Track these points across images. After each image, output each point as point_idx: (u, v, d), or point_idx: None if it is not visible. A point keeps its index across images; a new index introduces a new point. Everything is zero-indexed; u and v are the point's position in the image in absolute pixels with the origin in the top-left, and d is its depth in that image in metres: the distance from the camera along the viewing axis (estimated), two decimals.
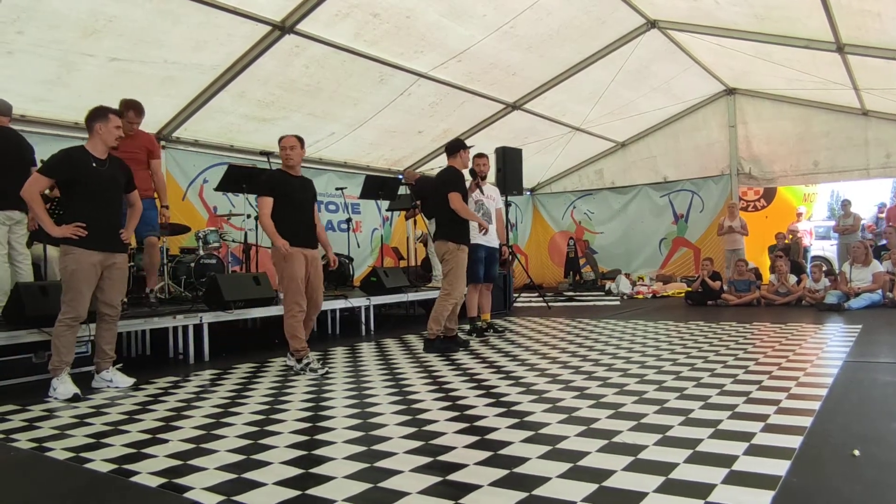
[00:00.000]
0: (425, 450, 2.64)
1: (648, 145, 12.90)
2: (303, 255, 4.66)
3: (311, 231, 4.82)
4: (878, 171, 10.60)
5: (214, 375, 4.65)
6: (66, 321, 3.96)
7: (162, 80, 6.54)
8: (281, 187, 4.65)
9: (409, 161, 10.75)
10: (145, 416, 3.41)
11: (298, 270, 4.60)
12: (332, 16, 6.34)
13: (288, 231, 4.59)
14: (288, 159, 4.73)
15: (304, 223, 4.74)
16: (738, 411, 3.07)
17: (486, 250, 6.31)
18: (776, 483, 2.13)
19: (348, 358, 5.23)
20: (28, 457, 2.80)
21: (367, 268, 9.76)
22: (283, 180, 4.70)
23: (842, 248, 10.94)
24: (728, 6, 7.25)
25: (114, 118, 4.16)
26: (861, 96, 9.63)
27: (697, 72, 10.27)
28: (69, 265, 3.94)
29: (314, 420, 3.22)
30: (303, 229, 4.72)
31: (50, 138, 6.59)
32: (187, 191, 8.05)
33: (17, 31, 5.24)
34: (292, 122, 8.13)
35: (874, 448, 2.50)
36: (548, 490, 2.15)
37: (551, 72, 9.08)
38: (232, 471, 2.47)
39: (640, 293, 11.15)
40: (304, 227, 4.74)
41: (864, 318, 6.76)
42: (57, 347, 3.96)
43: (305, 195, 4.82)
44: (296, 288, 4.60)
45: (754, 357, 4.58)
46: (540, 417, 3.10)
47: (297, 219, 4.69)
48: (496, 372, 4.37)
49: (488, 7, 6.87)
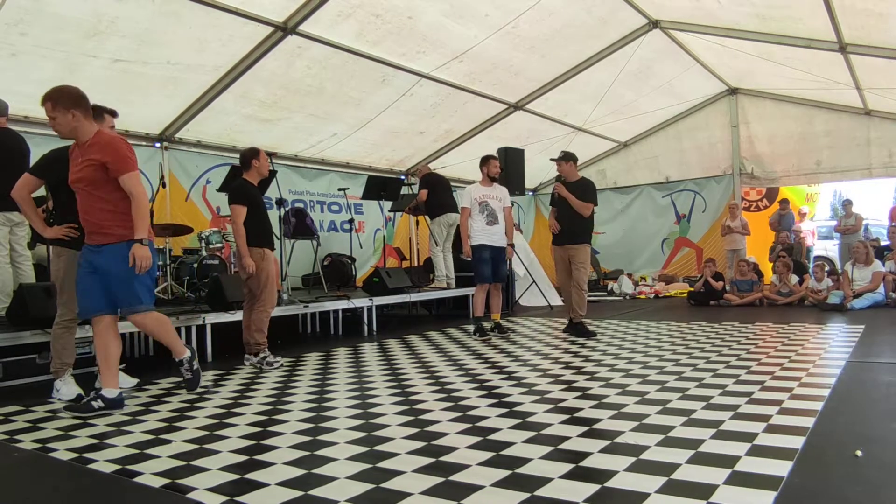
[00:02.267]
0: (427, 450, 2.65)
1: (651, 145, 12.89)
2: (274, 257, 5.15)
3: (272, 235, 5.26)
4: (880, 171, 10.57)
5: (217, 376, 4.66)
6: (63, 323, 3.94)
7: (165, 80, 6.55)
8: (255, 198, 5.02)
9: (411, 161, 10.76)
10: (148, 417, 3.42)
11: (273, 270, 5.08)
12: (334, 16, 6.34)
13: (264, 235, 5.01)
14: (265, 168, 5.14)
15: (270, 227, 5.18)
16: (741, 412, 3.07)
17: (492, 250, 6.33)
18: (778, 484, 2.13)
19: (351, 358, 5.24)
20: (32, 457, 2.81)
21: (369, 268, 9.77)
22: (254, 190, 5.07)
23: (843, 248, 10.92)
24: (730, 6, 7.24)
25: (108, 118, 4.13)
26: (864, 96, 9.61)
27: (699, 72, 10.26)
28: (62, 267, 3.92)
29: (317, 420, 3.22)
30: (271, 233, 5.17)
31: (53, 140, 6.58)
32: (190, 191, 8.07)
33: (20, 32, 5.26)
34: (294, 122, 8.15)
35: (877, 448, 2.50)
36: (549, 490, 2.15)
37: (553, 72, 9.08)
38: (235, 471, 2.47)
39: (643, 293, 11.14)
40: (271, 230, 5.19)
41: (867, 319, 6.75)
42: (57, 350, 3.95)
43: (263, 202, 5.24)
44: (273, 287, 5.06)
45: (756, 357, 4.57)
46: (542, 418, 3.10)
47: (267, 224, 5.11)
48: (498, 372, 4.37)
49: (490, 7, 6.87)
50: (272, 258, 5.07)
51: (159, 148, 7.68)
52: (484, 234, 6.30)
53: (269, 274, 4.97)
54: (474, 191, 6.39)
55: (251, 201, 4.92)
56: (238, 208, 4.86)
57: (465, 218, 6.36)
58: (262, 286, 4.96)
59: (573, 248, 6.29)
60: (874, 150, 10.49)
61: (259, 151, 5.08)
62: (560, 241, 6.34)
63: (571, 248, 6.29)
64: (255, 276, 4.90)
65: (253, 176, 5.05)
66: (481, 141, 10.07)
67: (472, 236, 6.30)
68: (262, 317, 4.99)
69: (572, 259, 6.30)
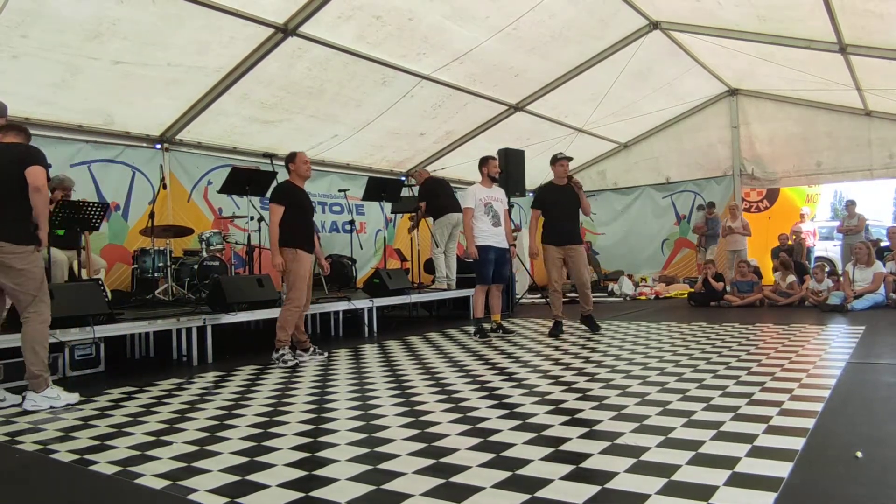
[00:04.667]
0: (428, 452, 2.65)
1: (651, 146, 12.89)
2: (309, 258, 5.23)
3: (313, 238, 5.40)
4: (881, 172, 10.57)
5: (218, 377, 4.66)
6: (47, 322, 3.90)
7: (166, 82, 6.56)
8: (295, 198, 5.19)
9: (411, 163, 10.76)
10: (149, 419, 3.43)
11: (305, 271, 5.17)
12: (334, 18, 6.35)
13: (300, 237, 5.13)
14: (308, 171, 5.34)
15: (311, 230, 5.34)
16: (741, 413, 3.07)
17: (496, 251, 6.35)
18: (779, 485, 2.13)
19: (351, 360, 5.25)
20: (33, 459, 2.82)
21: (370, 269, 9.77)
22: (296, 191, 5.24)
23: (845, 248, 10.92)
24: (730, 7, 7.25)
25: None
26: (864, 97, 9.61)
27: (700, 73, 10.27)
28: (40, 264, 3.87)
29: (317, 422, 3.23)
30: (310, 236, 5.30)
31: (55, 141, 6.62)
32: (192, 193, 8.07)
33: (21, 34, 5.26)
34: (295, 124, 8.15)
35: (877, 449, 2.50)
36: (550, 492, 2.16)
37: (554, 73, 9.08)
38: (236, 473, 2.48)
39: (643, 294, 11.14)
40: (311, 233, 5.34)
41: (868, 319, 6.74)
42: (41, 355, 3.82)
43: (311, 205, 5.41)
44: (301, 286, 5.13)
45: (757, 358, 4.57)
46: (542, 419, 3.11)
47: (307, 226, 5.27)
48: (499, 373, 4.38)
49: (491, 9, 6.89)
50: (306, 259, 5.17)
51: (160, 149, 7.69)
52: (490, 236, 6.31)
53: (297, 274, 5.09)
54: (478, 192, 6.40)
55: (290, 201, 5.13)
56: (274, 207, 5.10)
57: (469, 218, 6.35)
58: (290, 286, 5.12)
59: (575, 248, 6.35)
60: (875, 151, 10.49)
61: (295, 155, 5.33)
62: (561, 242, 6.37)
63: (572, 248, 6.34)
64: (285, 274, 5.12)
65: (295, 178, 5.29)
66: (482, 142, 10.07)
67: (478, 237, 6.30)
68: (285, 315, 5.13)
69: (575, 259, 6.34)
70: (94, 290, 4.95)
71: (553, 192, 6.52)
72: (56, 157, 6.33)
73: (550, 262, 6.42)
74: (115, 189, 7.30)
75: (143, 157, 7.56)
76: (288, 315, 5.12)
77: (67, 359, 4.90)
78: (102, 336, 4.85)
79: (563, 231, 6.38)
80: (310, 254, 5.23)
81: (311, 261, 5.28)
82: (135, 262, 6.93)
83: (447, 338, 6.47)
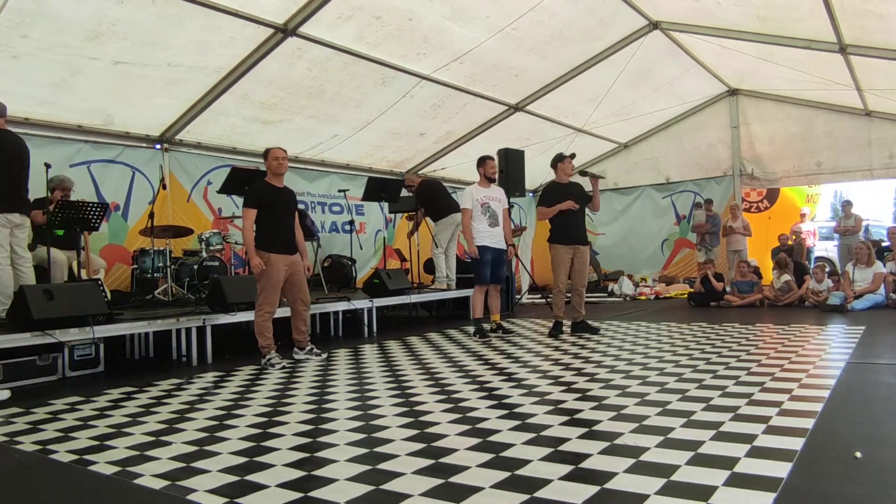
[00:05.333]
0: (427, 452, 2.65)
1: (651, 146, 12.89)
2: (283, 261, 5.05)
3: (292, 238, 5.22)
4: (881, 172, 10.57)
5: (217, 378, 4.66)
6: None
7: (166, 82, 6.56)
8: (266, 199, 5.04)
9: (411, 163, 10.76)
10: (148, 419, 3.43)
11: (276, 276, 4.99)
12: (334, 18, 6.35)
13: (270, 239, 5.00)
14: (280, 168, 5.14)
15: (286, 231, 5.15)
16: (740, 413, 3.07)
17: (493, 252, 6.34)
18: (778, 485, 2.13)
19: (351, 360, 5.25)
20: (32, 459, 2.82)
21: (370, 269, 9.77)
22: (268, 192, 5.09)
23: (842, 249, 10.92)
24: (730, 7, 7.25)
25: None
26: (864, 97, 9.61)
27: (699, 73, 10.26)
28: None
29: (317, 422, 3.23)
30: (284, 237, 5.12)
31: (55, 141, 6.63)
32: (192, 193, 8.07)
33: (21, 34, 5.26)
34: (295, 124, 8.15)
35: (877, 449, 2.50)
36: (549, 492, 2.16)
37: (554, 73, 9.08)
38: (235, 473, 2.48)
39: (643, 294, 11.14)
40: (286, 234, 5.15)
41: (868, 320, 6.74)
42: None
43: (288, 205, 5.21)
44: (272, 291, 5.01)
45: (757, 359, 4.57)
46: (542, 419, 3.11)
47: (280, 227, 5.09)
48: (498, 374, 4.38)
49: (491, 9, 6.88)
50: (278, 262, 4.98)
51: (160, 149, 7.69)
52: (487, 236, 6.31)
53: (269, 279, 4.95)
54: (476, 192, 6.40)
55: (260, 203, 5.00)
56: (245, 210, 5.03)
57: (468, 219, 6.36)
58: (259, 290, 5.05)
59: (582, 249, 6.36)
60: (875, 151, 10.49)
61: (268, 151, 5.19)
62: (572, 241, 6.33)
63: (581, 248, 6.36)
64: (257, 278, 5.02)
65: (270, 177, 5.17)
66: (482, 142, 10.07)
67: (475, 237, 6.30)
68: (258, 321, 5.04)
69: (579, 260, 6.32)
70: (94, 291, 4.94)
71: (560, 191, 6.45)
72: (56, 158, 6.34)
73: (559, 263, 6.35)
74: (114, 189, 7.30)
75: (142, 157, 7.56)
76: (261, 321, 5.01)
77: (67, 359, 4.90)
78: (102, 336, 4.85)
79: (572, 230, 6.35)
80: (286, 255, 5.07)
81: (287, 263, 5.07)
82: (134, 262, 6.93)
83: (447, 338, 6.47)
